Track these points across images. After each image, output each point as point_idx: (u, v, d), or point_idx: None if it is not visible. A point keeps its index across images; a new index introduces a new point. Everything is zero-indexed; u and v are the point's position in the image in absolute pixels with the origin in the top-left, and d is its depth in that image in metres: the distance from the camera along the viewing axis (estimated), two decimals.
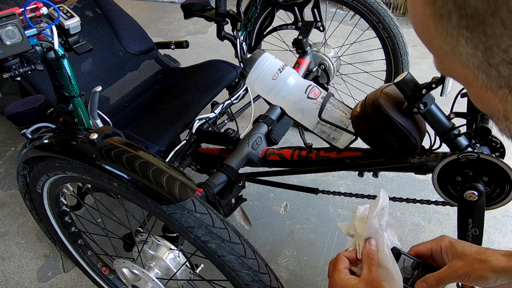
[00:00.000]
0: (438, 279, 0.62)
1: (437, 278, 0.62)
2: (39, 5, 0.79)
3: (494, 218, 1.46)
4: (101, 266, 1.22)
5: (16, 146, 1.95)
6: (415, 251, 0.69)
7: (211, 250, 0.75)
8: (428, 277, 0.64)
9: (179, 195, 0.72)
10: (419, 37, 0.32)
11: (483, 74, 0.29)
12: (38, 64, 0.83)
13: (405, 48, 1.50)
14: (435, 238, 0.67)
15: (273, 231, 1.48)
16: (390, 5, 3.05)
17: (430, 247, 0.67)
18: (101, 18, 1.49)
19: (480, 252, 0.60)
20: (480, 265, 0.58)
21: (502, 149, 0.82)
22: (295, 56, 1.38)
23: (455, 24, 0.27)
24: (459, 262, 0.60)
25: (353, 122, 0.90)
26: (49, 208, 1.06)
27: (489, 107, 0.32)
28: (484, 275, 0.58)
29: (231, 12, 1.44)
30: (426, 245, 0.68)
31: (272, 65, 0.97)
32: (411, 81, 0.78)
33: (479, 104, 0.33)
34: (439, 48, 0.30)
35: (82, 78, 1.36)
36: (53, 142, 0.85)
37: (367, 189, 1.63)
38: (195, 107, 1.28)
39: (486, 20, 0.26)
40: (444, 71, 0.33)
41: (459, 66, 0.30)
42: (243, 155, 1.06)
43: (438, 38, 0.30)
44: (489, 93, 0.30)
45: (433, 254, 0.67)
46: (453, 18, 0.27)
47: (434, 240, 0.67)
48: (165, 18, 3.24)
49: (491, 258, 0.58)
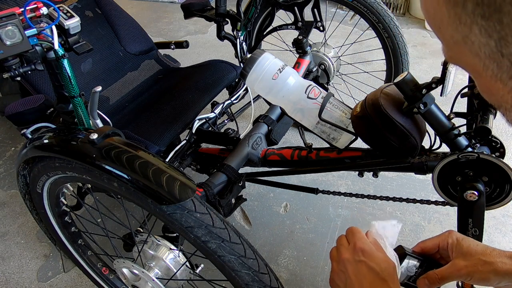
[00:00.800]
0: (440, 277, 0.62)
1: (439, 275, 0.62)
2: (39, 5, 0.79)
3: (494, 218, 1.46)
4: (101, 266, 1.22)
5: (16, 146, 1.95)
6: (422, 247, 0.69)
7: (211, 250, 0.75)
8: (431, 274, 0.63)
9: (179, 195, 0.72)
10: (429, 24, 0.32)
11: (494, 64, 0.28)
12: (38, 64, 0.83)
13: (405, 48, 1.50)
14: (442, 233, 0.67)
15: (273, 231, 1.48)
16: (390, 5, 3.05)
17: (437, 243, 0.66)
18: (101, 18, 1.49)
19: (485, 253, 0.59)
20: (484, 267, 0.58)
21: (502, 149, 0.82)
22: (295, 56, 1.38)
23: (470, 12, 0.27)
24: (463, 262, 0.60)
25: (353, 122, 0.90)
26: (49, 208, 1.06)
27: (497, 98, 0.31)
28: (487, 277, 0.58)
29: (231, 12, 1.44)
30: (433, 241, 0.67)
31: (272, 65, 0.97)
32: (411, 81, 0.78)
33: (487, 94, 0.32)
34: (449, 36, 0.30)
35: (82, 78, 1.36)
36: (53, 142, 0.85)
37: (367, 189, 1.63)
38: (195, 107, 1.28)
39: (503, 8, 0.25)
40: (452, 59, 0.33)
41: (469, 55, 0.29)
42: (243, 155, 1.06)
43: (450, 25, 0.29)
44: (498, 83, 0.30)
45: (440, 250, 0.67)
46: (468, 6, 0.26)
47: (441, 236, 0.66)
48: (165, 18, 3.24)
49: (496, 260, 0.58)
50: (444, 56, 0.34)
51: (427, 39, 2.66)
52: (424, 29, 2.78)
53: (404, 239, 1.41)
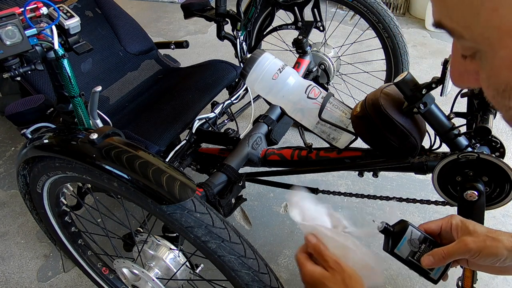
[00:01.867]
0: (446, 253, 0.62)
1: (445, 252, 0.62)
2: (39, 5, 0.79)
3: (494, 218, 1.46)
4: (101, 266, 1.22)
5: (16, 146, 1.95)
6: (424, 228, 0.69)
7: (211, 250, 0.75)
8: (436, 251, 0.63)
9: (179, 195, 0.72)
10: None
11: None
12: (38, 64, 0.83)
13: (405, 48, 1.50)
14: (444, 216, 0.67)
15: (273, 231, 1.48)
16: (390, 5, 3.05)
17: (440, 224, 0.67)
18: (101, 18, 1.49)
19: (491, 231, 0.60)
20: (493, 242, 0.58)
21: (502, 149, 0.82)
22: (295, 56, 1.38)
23: None
24: (470, 238, 0.60)
25: (353, 122, 0.90)
26: (49, 208, 1.06)
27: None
28: (496, 252, 0.58)
29: (231, 12, 1.44)
30: (436, 222, 0.68)
31: (272, 65, 0.97)
32: (411, 81, 0.79)
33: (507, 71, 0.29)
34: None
35: (82, 78, 1.36)
36: (53, 142, 0.85)
37: (367, 189, 1.63)
38: (195, 107, 1.28)
39: None
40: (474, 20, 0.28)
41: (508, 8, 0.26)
42: (243, 155, 1.06)
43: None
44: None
45: (442, 232, 0.67)
46: None
47: (444, 218, 0.67)
48: (165, 18, 3.24)
49: (502, 238, 0.59)
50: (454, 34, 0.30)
51: (427, 39, 2.66)
52: (424, 29, 2.78)
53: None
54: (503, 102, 0.31)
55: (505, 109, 0.32)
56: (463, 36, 0.30)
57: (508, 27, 0.27)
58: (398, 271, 1.31)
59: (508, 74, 0.29)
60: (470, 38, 0.30)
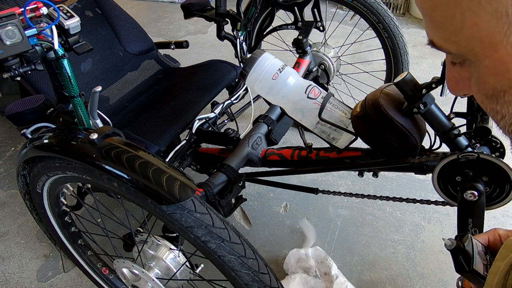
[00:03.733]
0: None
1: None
2: (39, 5, 0.79)
3: (494, 218, 1.46)
4: (101, 266, 1.22)
5: (16, 146, 1.95)
6: None
7: (211, 250, 0.75)
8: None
9: (179, 195, 0.72)
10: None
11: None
12: (38, 64, 0.83)
13: (405, 48, 1.50)
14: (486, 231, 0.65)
15: (273, 231, 1.48)
16: (390, 5, 3.05)
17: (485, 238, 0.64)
18: (101, 18, 1.49)
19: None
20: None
21: (502, 149, 0.82)
22: (295, 56, 1.38)
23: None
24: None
25: (353, 122, 0.90)
26: (49, 208, 1.06)
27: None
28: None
29: (231, 12, 1.44)
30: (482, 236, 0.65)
31: (272, 65, 0.97)
32: (411, 81, 0.79)
33: (501, 71, 0.30)
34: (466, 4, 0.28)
35: (82, 78, 1.36)
36: (53, 142, 0.85)
37: (367, 189, 1.63)
38: (195, 107, 1.28)
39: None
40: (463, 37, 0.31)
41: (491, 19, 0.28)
42: (243, 155, 1.06)
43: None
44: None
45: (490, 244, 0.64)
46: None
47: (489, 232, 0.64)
48: (165, 18, 3.24)
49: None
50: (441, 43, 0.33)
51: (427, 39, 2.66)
52: (424, 29, 2.78)
53: (404, 239, 1.41)
54: (491, 106, 0.34)
55: (493, 112, 0.34)
56: (452, 51, 0.34)
57: (489, 39, 0.29)
58: (398, 271, 1.31)
59: (494, 80, 0.32)
60: (457, 52, 0.33)
